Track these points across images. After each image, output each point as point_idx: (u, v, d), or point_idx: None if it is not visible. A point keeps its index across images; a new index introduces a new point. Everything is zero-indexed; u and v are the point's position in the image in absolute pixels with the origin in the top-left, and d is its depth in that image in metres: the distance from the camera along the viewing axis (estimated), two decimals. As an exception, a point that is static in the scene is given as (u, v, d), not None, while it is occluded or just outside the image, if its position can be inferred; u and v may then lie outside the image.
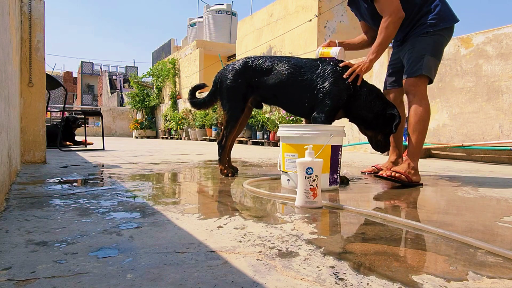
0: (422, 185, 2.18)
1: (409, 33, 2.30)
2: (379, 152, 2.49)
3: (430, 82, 2.27)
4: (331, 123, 2.22)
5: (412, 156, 2.20)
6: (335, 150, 1.95)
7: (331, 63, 2.26)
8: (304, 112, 2.34)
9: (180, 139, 12.32)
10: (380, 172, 2.16)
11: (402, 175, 2.10)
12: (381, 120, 2.23)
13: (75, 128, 6.66)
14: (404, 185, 2.10)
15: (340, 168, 2.05)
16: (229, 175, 2.47)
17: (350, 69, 2.21)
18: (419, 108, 2.19)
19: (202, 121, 10.63)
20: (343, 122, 2.85)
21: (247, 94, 2.43)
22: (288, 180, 2.02)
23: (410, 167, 2.17)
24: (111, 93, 30.27)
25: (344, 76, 2.21)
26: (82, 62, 40.51)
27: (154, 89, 15.44)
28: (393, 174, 2.11)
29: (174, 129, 12.84)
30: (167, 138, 13.49)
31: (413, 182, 2.12)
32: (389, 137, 2.35)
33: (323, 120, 2.18)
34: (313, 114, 2.23)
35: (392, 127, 2.20)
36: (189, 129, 11.66)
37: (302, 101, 2.28)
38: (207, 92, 2.67)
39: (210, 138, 10.23)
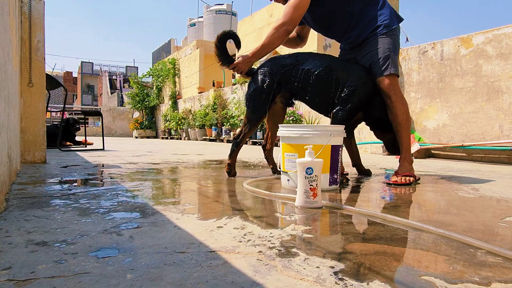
0: (419, 178, 2.31)
1: (362, 35, 2.32)
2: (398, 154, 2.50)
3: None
4: (349, 122, 2.28)
5: (407, 151, 2.30)
6: (335, 150, 1.95)
7: (360, 65, 2.33)
8: (328, 109, 2.38)
9: (180, 139, 12.32)
10: (393, 179, 2.19)
11: (412, 177, 2.21)
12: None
13: (75, 131, 6.65)
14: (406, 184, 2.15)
15: (340, 168, 2.05)
16: (231, 174, 2.46)
17: (234, 66, 2.37)
18: (404, 106, 2.25)
19: (202, 121, 10.64)
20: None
21: (274, 92, 2.36)
22: (288, 180, 2.02)
23: (410, 163, 2.29)
24: (111, 93, 30.27)
25: (231, 69, 2.38)
26: (82, 62, 40.52)
27: (154, 89, 15.44)
28: (406, 180, 2.17)
29: (174, 129, 12.84)
30: (167, 138, 13.49)
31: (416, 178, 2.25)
32: None
33: (343, 117, 2.22)
34: (333, 111, 2.26)
35: None
36: (189, 129, 11.66)
37: (329, 99, 2.30)
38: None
39: (210, 138, 10.23)
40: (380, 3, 2.32)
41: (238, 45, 2.46)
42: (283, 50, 8.54)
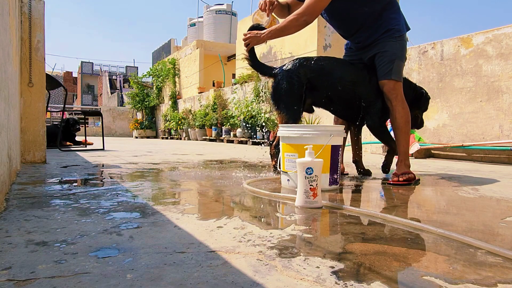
0: (419, 179, 2.34)
1: (372, 36, 2.34)
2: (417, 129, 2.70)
3: None
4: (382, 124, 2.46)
5: (405, 155, 2.32)
6: (335, 150, 1.95)
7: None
8: (354, 117, 2.50)
9: (180, 139, 12.32)
10: (393, 179, 2.20)
11: (411, 174, 2.25)
12: (415, 101, 2.51)
13: (75, 131, 6.64)
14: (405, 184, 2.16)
15: (340, 168, 2.05)
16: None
17: (245, 37, 2.35)
18: (404, 110, 2.29)
19: (202, 121, 10.63)
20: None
21: (303, 95, 2.36)
22: (288, 180, 2.02)
23: (407, 167, 2.29)
24: (111, 93, 30.26)
25: (242, 39, 2.37)
26: (82, 62, 40.51)
27: (154, 89, 15.44)
28: (405, 178, 2.20)
29: (174, 129, 12.83)
30: (167, 138, 13.49)
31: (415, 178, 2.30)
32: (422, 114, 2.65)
33: (375, 122, 2.43)
34: (366, 121, 2.44)
35: (424, 105, 2.56)
36: (189, 129, 11.66)
37: (354, 106, 2.41)
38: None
39: (210, 138, 10.23)
40: (395, 7, 2.34)
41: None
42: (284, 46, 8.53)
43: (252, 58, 2.48)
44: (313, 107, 2.54)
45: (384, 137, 2.50)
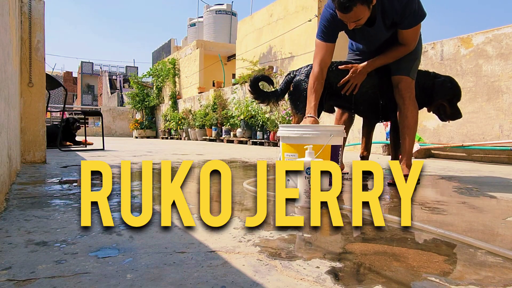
0: (419, 180, 2.32)
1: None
2: (451, 120, 2.63)
3: None
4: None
5: (408, 156, 2.30)
6: (335, 150, 1.95)
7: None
8: (377, 115, 2.51)
9: (180, 139, 12.32)
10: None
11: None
12: (437, 91, 2.40)
13: (75, 130, 6.64)
14: None
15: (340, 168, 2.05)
16: None
17: (347, 80, 2.27)
18: (416, 110, 2.28)
19: (202, 121, 10.63)
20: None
21: (323, 98, 2.31)
22: (288, 180, 2.02)
23: (409, 167, 2.26)
24: (111, 93, 30.25)
25: (338, 85, 2.28)
26: (82, 62, 40.49)
27: (154, 89, 15.44)
28: (405, 174, 2.18)
29: (174, 129, 12.83)
30: (167, 138, 13.49)
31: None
32: (455, 104, 2.50)
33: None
34: (391, 120, 2.44)
35: (448, 93, 2.40)
36: (189, 129, 11.66)
37: (378, 105, 2.42)
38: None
39: (210, 138, 10.23)
40: None
41: (271, 83, 2.57)
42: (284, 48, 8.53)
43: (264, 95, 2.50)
44: (335, 108, 2.54)
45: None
